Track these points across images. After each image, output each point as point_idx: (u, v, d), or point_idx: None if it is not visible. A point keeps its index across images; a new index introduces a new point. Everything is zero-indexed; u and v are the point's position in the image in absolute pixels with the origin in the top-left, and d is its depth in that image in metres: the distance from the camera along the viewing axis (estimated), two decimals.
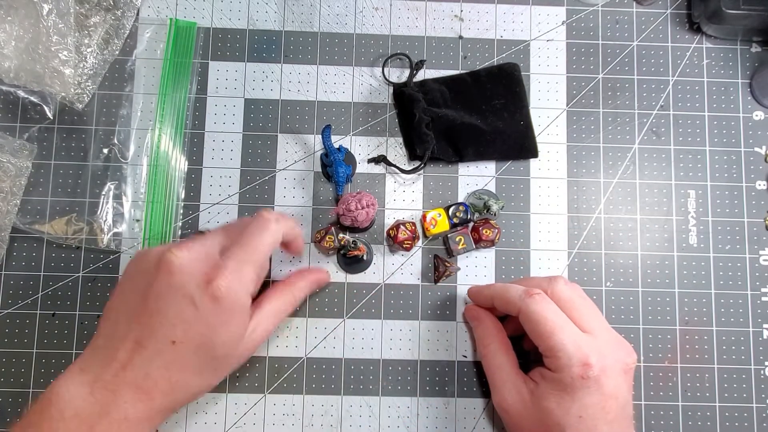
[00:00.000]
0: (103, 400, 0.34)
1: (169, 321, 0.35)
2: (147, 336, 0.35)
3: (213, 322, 0.36)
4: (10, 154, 0.44)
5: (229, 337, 0.37)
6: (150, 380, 0.35)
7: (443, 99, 0.47)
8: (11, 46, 0.43)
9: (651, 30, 0.50)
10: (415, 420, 0.45)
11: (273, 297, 0.41)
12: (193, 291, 0.35)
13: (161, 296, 0.35)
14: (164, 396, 0.36)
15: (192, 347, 0.36)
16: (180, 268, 0.35)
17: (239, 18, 0.49)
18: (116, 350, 0.35)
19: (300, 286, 0.43)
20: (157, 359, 0.35)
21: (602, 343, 0.38)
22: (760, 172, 0.48)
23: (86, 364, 0.36)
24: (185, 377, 0.36)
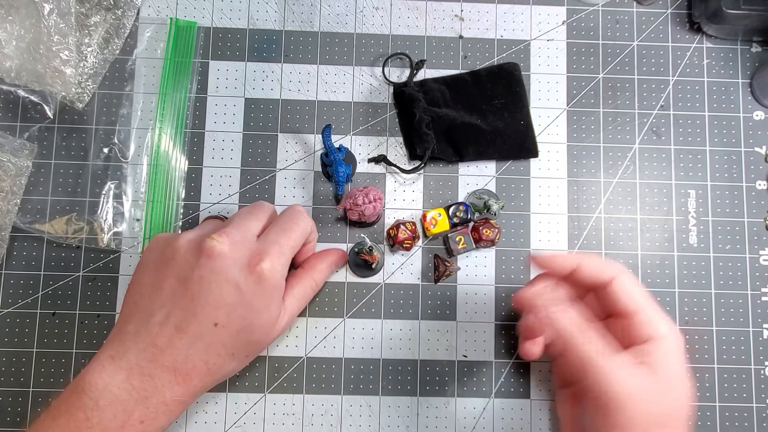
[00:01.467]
0: (140, 385, 0.34)
1: (212, 304, 0.36)
2: (188, 320, 0.35)
3: (256, 305, 0.37)
4: (11, 154, 0.44)
5: (267, 320, 0.38)
6: (189, 363, 0.35)
7: (443, 99, 0.47)
8: (12, 45, 0.43)
9: (651, 30, 0.50)
10: (415, 420, 0.45)
11: (295, 283, 0.42)
12: (236, 275, 0.36)
13: (204, 280, 0.36)
14: (201, 378, 0.36)
15: (233, 330, 0.36)
16: (223, 253, 0.36)
17: (239, 17, 0.49)
18: (154, 335, 0.35)
19: (319, 268, 0.43)
20: (197, 342, 0.35)
21: None
22: (761, 172, 0.48)
23: (117, 351, 0.35)
24: (221, 360, 0.37)
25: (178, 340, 0.35)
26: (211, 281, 0.36)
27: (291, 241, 0.39)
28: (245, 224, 0.39)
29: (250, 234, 0.38)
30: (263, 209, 0.41)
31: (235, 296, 0.36)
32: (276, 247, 0.38)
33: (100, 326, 0.45)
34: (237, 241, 0.37)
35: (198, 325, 0.35)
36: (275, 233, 0.39)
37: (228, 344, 0.37)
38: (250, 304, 0.36)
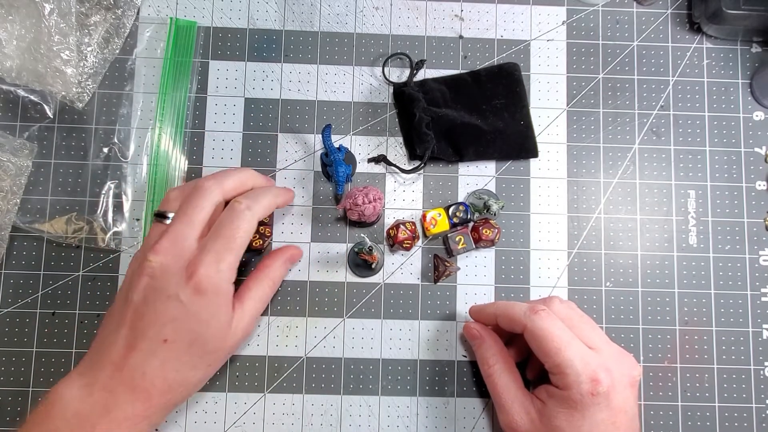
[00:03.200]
0: (102, 400, 0.35)
1: (159, 322, 0.36)
2: (139, 338, 0.36)
3: (201, 316, 0.36)
4: (11, 153, 0.44)
5: (218, 329, 0.37)
6: (147, 380, 0.36)
7: (443, 99, 0.47)
8: (13, 45, 0.43)
9: (651, 30, 0.50)
10: (415, 420, 0.45)
11: (253, 285, 0.41)
12: (176, 289, 0.36)
13: (148, 300, 0.36)
14: (162, 394, 0.36)
15: (185, 344, 0.36)
16: (159, 272, 0.36)
17: (239, 17, 0.49)
18: (110, 354, 0.36)
19: (275, 267, 0.43)
20: (152, 359, 0.36)
21: (607, 357, 0.37)
22: (760, 173, 0.48)
23: (84, 368, 0.37)
24: (181, 375, 0.37)
25: (132, 358, 0.36)
26: (154, 300, 0.36)
27: (227, 245, 0.37)
28: (182, 232, 0.38)
29: (189, 241, 0.37)
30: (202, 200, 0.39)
31: (178, 310, 0.36)
32: (212, 255, 0.37)
33: None
34: (172, 254, 0.37)
35: (149, 342, 0.36)
36: (212, 240, 0.37)
37: (183, 358, 0.37)
38: (196, 315, 0.36)
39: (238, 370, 0.45)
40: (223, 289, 0.37)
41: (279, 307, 0.46)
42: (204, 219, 0.38)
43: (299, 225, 0.47)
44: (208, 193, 0.39)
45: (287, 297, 0.46)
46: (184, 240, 0.37)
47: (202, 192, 0.39)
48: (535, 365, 0.43)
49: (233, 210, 0.39)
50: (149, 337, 0.36)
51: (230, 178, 0.41)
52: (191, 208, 0.38)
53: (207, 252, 0.37)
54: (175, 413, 0.44)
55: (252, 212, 0.39)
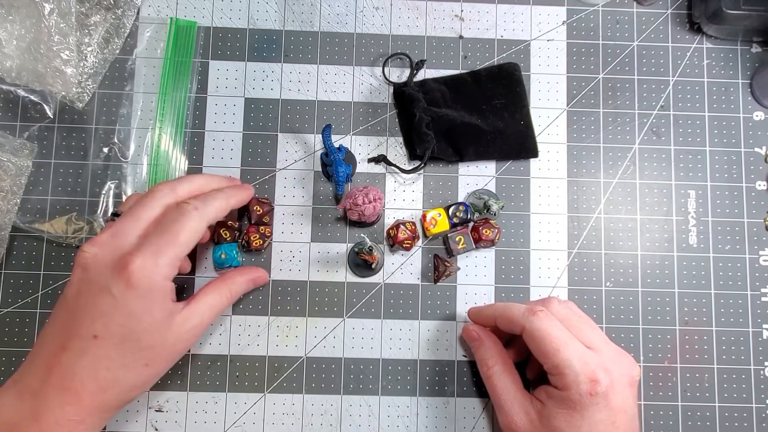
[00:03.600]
0: (31, 405, 0.34)
1: (89, 316, 0.35)
2: (70, 336, 0.35)
3: (133, 310, 0.35)
4: (11, 153, 0.44)
5: (152, 325, 0.36)
6: (77, 380, 0.34)
7: (443, 99, 0.47)
8: (13, 45, 0.43)
9: (651, 30, 0.50)
10: (415, 419, 0.45)
11: (209, 291, 0.40)
12: (108, 281, 0.35)
13: (80, 293, 0.35)
14: (93, 396, 0.35)
15: (116, 340, 0.35)
16: (93, 261, 0.35)
17: (239, 17, 0.49)
18: (42, 355, 0.35)
19: (237, 281, 0.42)
20: (82, 357, 0.35)
21: (606, 357, 0.37)
22: (760, 173, 0.48)
23: (18, 375, 0.36)
24: (112, 373, 0.35)
25: (64, 358, 0.35)
26: (86, 293, 0.35)
27: (173, 240, 0.36)
28: (124, 227, 0.37)
29: (129, 236, 0.36)
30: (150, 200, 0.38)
31: (110, 304, 0.35)
32: (151, 248, 0.36)
33: None
34: (109, 247, 0.36)
35: (79, 339, 0.35)
36: (154, 235, 0.36)
37: (114, 356, 0.35)
38: (126, 308, 0.35)
39: (238, 370, 0.45)
40: (159, 284, 0.36)
41: (279, 307, 0.46)
42: (149, 218, 0.37)
43: (299, 225, 0.47)
44: (160, 195, 0.38)
45: (287, 297, 0.46)
46: (125, 235, 0.37)
47: (153, 193, 0.38)
48: (534, 366, 0.43)
49: (180, 208, 0.38)
50: (80, 335, 0.35)
51: (184, 182, 0.40)
52: (138, 206, 0.38)
53: (146, 245, 0.36)
54: (175, 413, 0.44)
55: (200, 212, 0.38)
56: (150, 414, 0.44)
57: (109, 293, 0.35)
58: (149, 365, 0.37)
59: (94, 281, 0.35)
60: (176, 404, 0.44)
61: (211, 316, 0.40)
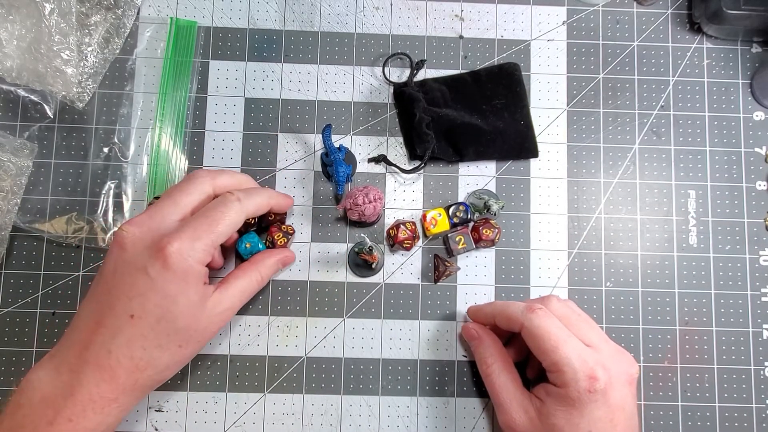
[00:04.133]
0: (68, 381, 0.35)
1: (125, 295, 0.35)
2: (106, 314, 0.35)
3: (169, 291, 0.36)
4: (11, 153, 0.44)
5: (187, 306, 0.36)
6: (112, 358, 0.35)
7: (443, 99, 0.47)
8: (13, 45, 0.43)
9: (651, 30, 0.50)
10: (415, 419, 0.45)
11: (239, 275, 0.41)
12: (145, 261, 0.35)
13: (117, 272, 0.36)
14: (128, 374, 0.35)
15: (152, 320, 0.36)
16: (131, 241, 0.36)
17: (240, 17, 0.49)
18: (79, 332, 0.36)
19: (267, 263, 0.43)
20: (118, 336, 0.35)
21: (605, 355, 0.37)
22: (761, 173, 0.48)
23: (55, 350, 0.36)
24: (148, 353, 0.36)
25: (99, 336, 0.35)
26: (123, 272, 0.36)
27: (212, 227, 0.37)
28: (162, 209, 0.38)
29: (168, 219, 0.37)
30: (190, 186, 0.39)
31: (146, 284, 0.35)
32: (190, 231, 0.36)
33: None
34: (147, 227, 0.36)
35: (115, 318, 0.35)
36: (194, 219, 0.37)
37: (149, 336, 0.36)
38: (163, 289, 0.35)
39: (238, 370, 0.45)
40: (194, 268, 0.36)
41: (279, 307, 0.46)
42: (189, 203, 0.38)
43: (299, 225, 0.47)
44: (199, 181, 0.39)
45: (287, 297, 0.46)
46: (163, 217, 0.37)
47: (193, 179, 0.39)
48: (534, 364, 0.43)
49: (224, 198, 0.39)
50: (116, 313, 0.35)
51: (225, 174, 0.41)
52: (178, 190, 0.39)
53: (185, 228, 0.36)
54: (175, 413, 0.44)
55: (242, 204, 0.39)
56: (150, 414, 0.44)
57: (146, 274, 0.35)
58: (182, 346, 0.37)
59: (132, 261, 0.36)
60: (176, 404, 0.44)
61: (242, 300, 0.41)
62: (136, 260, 0.36)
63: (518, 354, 0.43)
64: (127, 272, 0.36)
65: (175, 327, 0.36)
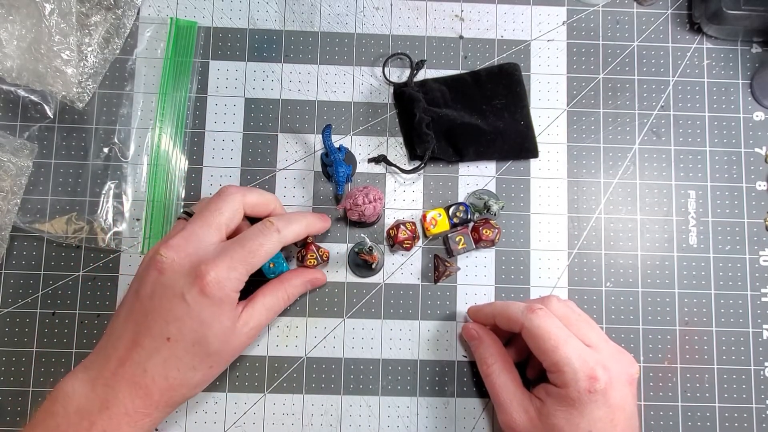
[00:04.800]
0: (103, 395, 0.35)
1: (162, 318, 0.36)
2: (143, 334, 0.36)
3: (205, 317, 0.36)
4: (11, 153, 0.44)
5: (221, 331, 0.37)
6: (148, 377, 0.36)
7: (443, 99, 0.47)
8: (13, 45, 0.43)
9: (651, 30, 0.50)
10: (415, 420, 0.45)
11: (267, 293, 0.41)
12: (183, 288, 0.36)
13: (155, 295, 0.37)
14: (162, 393, 0.36)
15: (187, 344, 0.36)
16: (169, 266, 0.37)
17: (240, 17, 0.49)
18: (115, 348, 0.36)
19: (294, 283, 0.43)
20: (154, 356, 0.36)
21: (605, 355, 0.38)
22: (761, 173, 0.48)
23: (90, 363, 0.37)
24: (182, 373, 0.37)
25: (136, 354, 0.36)
26: (161, 296, 0.36)
27: (246, 258, 0.37)
28: (197, 232, 0.38)
29: (204, 243, 0.38)
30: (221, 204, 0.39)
31: (184, 309, 0.36)
32: (227, 260, 0.37)
33: (100, 326, 0.45)
34: (185, 252, 0.37)
35: (152, 339, 0.36)
36: (233, 248, 0.37)
37: (184, 358, 0.37)
38: (199, 315, 0.36)
39: (238, 370, 0.45)
40: (230, 296, 0.37)
41: None
42: (221, 223, 0.39)
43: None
44: (230, 199, 0.39)
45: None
46: (198, 240, 0.38)
47: (224, 197, 0.40)
48: (535, 365, 0.43)
49: (264, 227, 0.39)
50: (153, 335, 0.36)
51: (255, 191, 0.41)
52: (209, 211, 0.39)
53: (223, 257, 0.37)
54: (175, 413, 0.44)
55: (280, 235, 0.39)
56: None
57: (184, 300, 0.36)
58: (213, 367, 0.39)
59: (170, 286, 0.36)
60: None
61: (268, 318, 0.41)
62: (175, 285, 0.36)
63: (518, 354, 0.43)
64: (165, 297, 0.36)
65: (209, 351, 0.37)
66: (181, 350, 0.36)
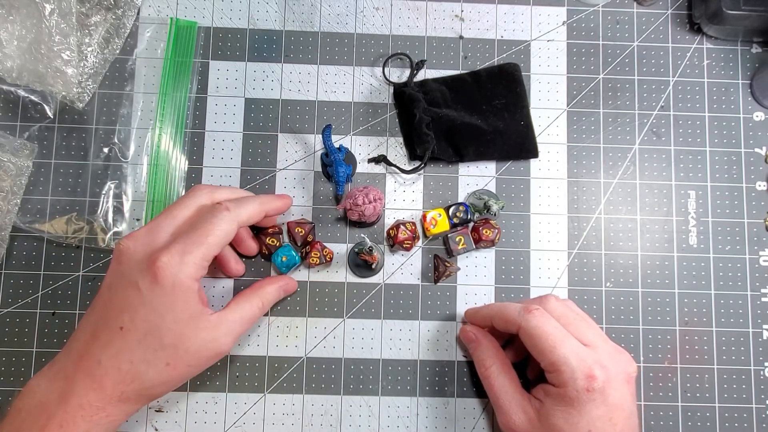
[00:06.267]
0: (61, 387, 0.35)
1: (118, 308, 0.36)
2: (101, 325, 0.36)
3: (157, 306, 0.36)
4: (11, 154, 0.44)
5: (174, 323, 0.36)
6: (101, 368, 0.35)
7: (443, 99, 0.47)
8: (13, 45, 0.43)
9: (651, 30, 0.50)
10: (415, 420, 0.45)
11: (240, 301, 0.40)
12: (137, 275, 0.36)
13: (113, 286, 0.37)
14: (114, 385, 0.35)
15: (139, 334, 0.36)
16: (126, 255, 0.37)
17: (240, 17, 0.49)
18: (77, 341, 0.37)
19: (268, 290, 0.42)
20: (108, 347, 0.36)
21: (603, 354, 0.37)
22: (761, 173, 0.48)
23: (56, 359, 0.37)
24: (135, 366, 0.36)
25: (93, 346, 0.36)
26: (118, 286, 0.36)
27: (201, 239, 0.36)
28: (159, 223, 0.38)
29: (163, 232, 0.37)
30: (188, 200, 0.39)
31: (137, 298, 0.36)
32: (179, 244, 0.36)
33: None
34: (143, 242, 0.37)
35: (107, 330, 0.36)
36: (185, 233, 0.37)
37: (136, 350, 0.36)
38: (152, 304, 0.35)
39: (238, 370, 0.45)
40: (184, 283, 0.36)
41: (279, 307, 0.46)
42: (184, 216, 0.38)
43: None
44: (197, 195, 0.39)
45: (287, 297, 0.46)
46: (159, 230, 0.37)
47: (192, 193, 0.40)
48: (534, 366, 0.43)
49: (213, 208, 0.38)
50: (108, 326, 0.36)
51: (225, 189, 0.41)
52: (176, 204, 0.39)
53: (175, 243, 0.36)
54: (175, 413, 0.44)
55: (231, 213, 0.38)
56: (150, 414, 0.44)
57: (137, 288, 0.36)
58: (170, 365, 0.37)
59: (126, 275, 0.36)
60: (176, 404, 0.44)
61: (242, 326, 0.40)
62: (131, 274, 0.36)
63: (517, 355, 0.43)
64: (122, 286, 0.36)
65: (162, 343, 0.36)
66: (133, 341, 0.35)
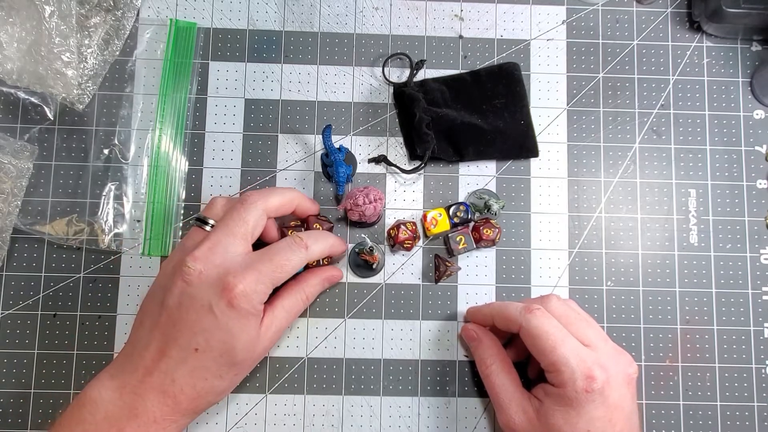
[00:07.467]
0: (131, 403, 0.36)
1: (190, 330, 0.36)
2: (171, 344, 0.37)
3: (232, 328, 0.37)
4: (11, 156, 0.44)
5: (247, 341, 0.38)
6: (176, 386, 0.36)
7: (443, 99, 0.47)
8: (13, 47, 0.43)
9: (651, 29, 0.50)
10: (416, 420, 0.45)
11: (285, 296, 0.41)
12: (210, 300, 0.36)
13: (182, 306, 0.37)
14: (190, 401, 0.37)
15: (215, 354, 0.37)
16: (196, 278, 0.37)
17: (239, 18, 0.49)
18: (142, 357, 0.37)
19: (312, 283, 0.43)
20: (182, 366, 0.36)
21: (603, 355, 0.38)
22: (761, 171, 0.48)
23: (116, 371, 0.37)
24: (209, 383, 0.37)
25: (163, 364, 0.36)
26: (188, 307, 0.37)
27: (273, 272, 0.38)
28: (222, 242, 0.38)
29: (230, 253, 0.38)
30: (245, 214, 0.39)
31: (211, 321, 0.36)
32: (255, 273, 0.37)
33: (101, 328, 0.45)
34: (212, 264, 0.37)
35: (179, 349, 0.36)
36: (260, 261, 0.38)
37: (212, 368, 0.37)
38: (226, 327, 0.36)
39: None
40: (257, 308, 0.38)
41: None
42: (246, 233, 0.39)
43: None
44: (252, 208, 0.39)
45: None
46: (224, 251, 0.38)
47: (246, 206, 0.39)
48: (535, 365, 0.43)
49: (293, 242, 0.39)
50: (181, 345, 0.36)
51: (275, 195, 0.41)
52: (233, 220, 0.39)
53: (251, 270, 0.37)
54: None
55: (307, 252, 0.40)
56: None
57: (211, 311, 0.36)
58: (238, 374, 0.39)
59: (198, 297, 0.37)
60: None
61: (288, 320, 0.41)
62: (202, 297, 0.36)
63: (518, 354, 0.43)
64: (193, 308, 0.37)
65: (235, 360, 0.38)
66: (208, 360, 0.37)
